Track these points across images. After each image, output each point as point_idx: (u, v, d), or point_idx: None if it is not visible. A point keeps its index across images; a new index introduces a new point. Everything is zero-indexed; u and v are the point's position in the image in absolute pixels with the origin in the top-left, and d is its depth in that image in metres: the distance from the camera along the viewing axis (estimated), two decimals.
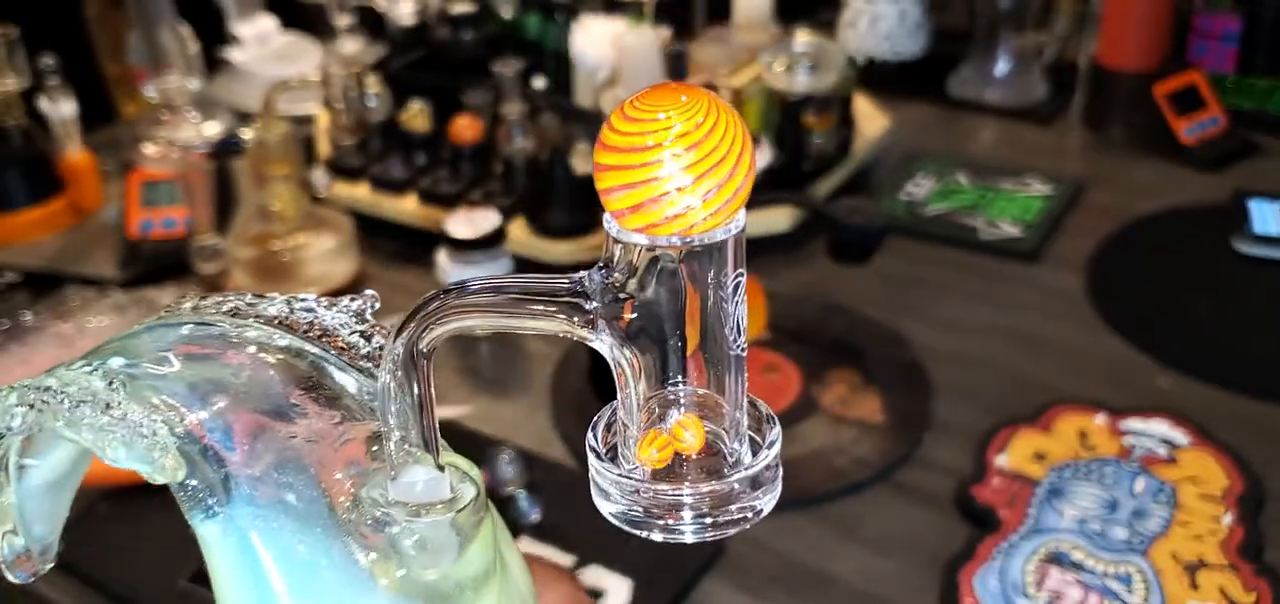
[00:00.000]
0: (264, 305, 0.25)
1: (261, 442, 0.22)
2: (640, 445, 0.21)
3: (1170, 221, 0.92)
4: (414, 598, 0.22)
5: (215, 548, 0.23)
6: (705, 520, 0.21)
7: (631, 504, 0.21)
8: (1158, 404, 0.68)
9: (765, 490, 0.22)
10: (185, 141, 1.01)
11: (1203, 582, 0.56)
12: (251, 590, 0.22)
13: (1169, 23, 1.07)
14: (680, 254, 0.20)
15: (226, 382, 0.23)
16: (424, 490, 0.22)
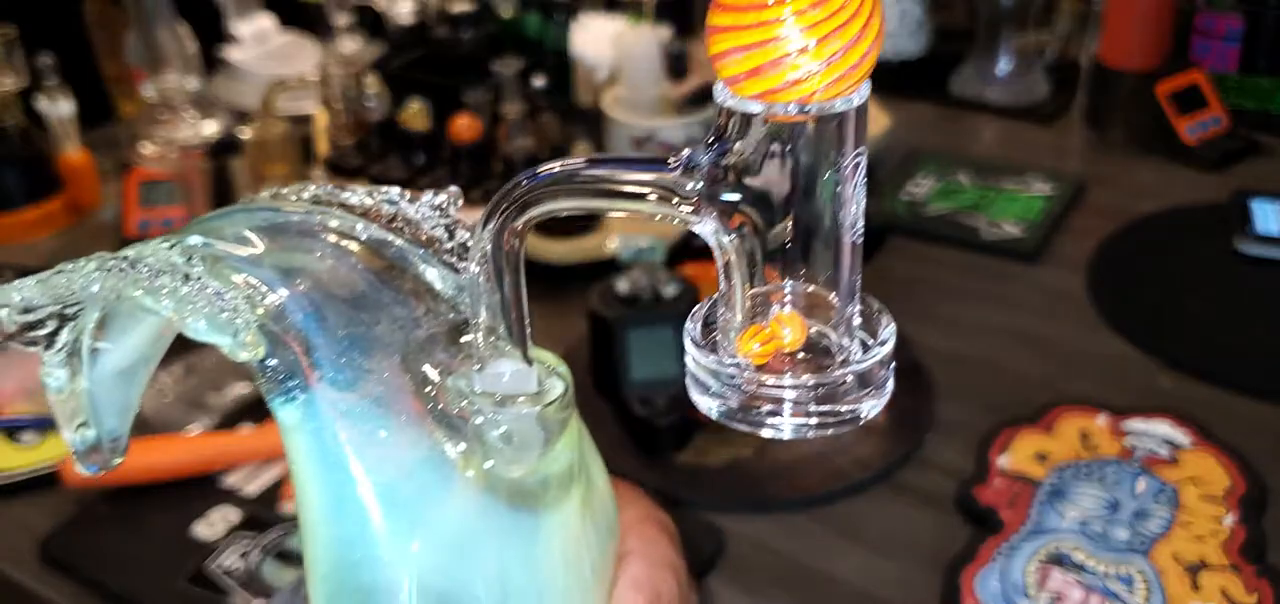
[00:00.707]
0: (346, 196, 0.25)
1: (344, 326, 0.22)
2: (741, 339, 0.19)
3: (1172, 221, 0.91)
4: (498, 493, 0.21)
5: (295, 433, 0.22)
6: (807, 418, 0.19)
7: (730, 397, 0.19)
8: (1159, 404, 0.68)
9: (872, 393, 0.20)
10: (183, 141, 1.01)
11: (1204, 583, 0.56)
12: (331, 475, 0.22)
13: (1171, 22, 1.07)
14: (797, 126, 0.18)
15: (308, 266, 0.22)
16: (511, 382, 0.22)
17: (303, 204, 0.24)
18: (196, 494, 0.66)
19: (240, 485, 0.67)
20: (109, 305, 0.23)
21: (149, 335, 0.24)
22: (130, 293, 0.22)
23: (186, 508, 0.65)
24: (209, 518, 0.64)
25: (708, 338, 0.20)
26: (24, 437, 0.72)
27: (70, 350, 0.24)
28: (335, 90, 0.95)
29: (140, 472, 0.67)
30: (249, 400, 0.74)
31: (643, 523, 0.26)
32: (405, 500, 0.21)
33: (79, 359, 0.24)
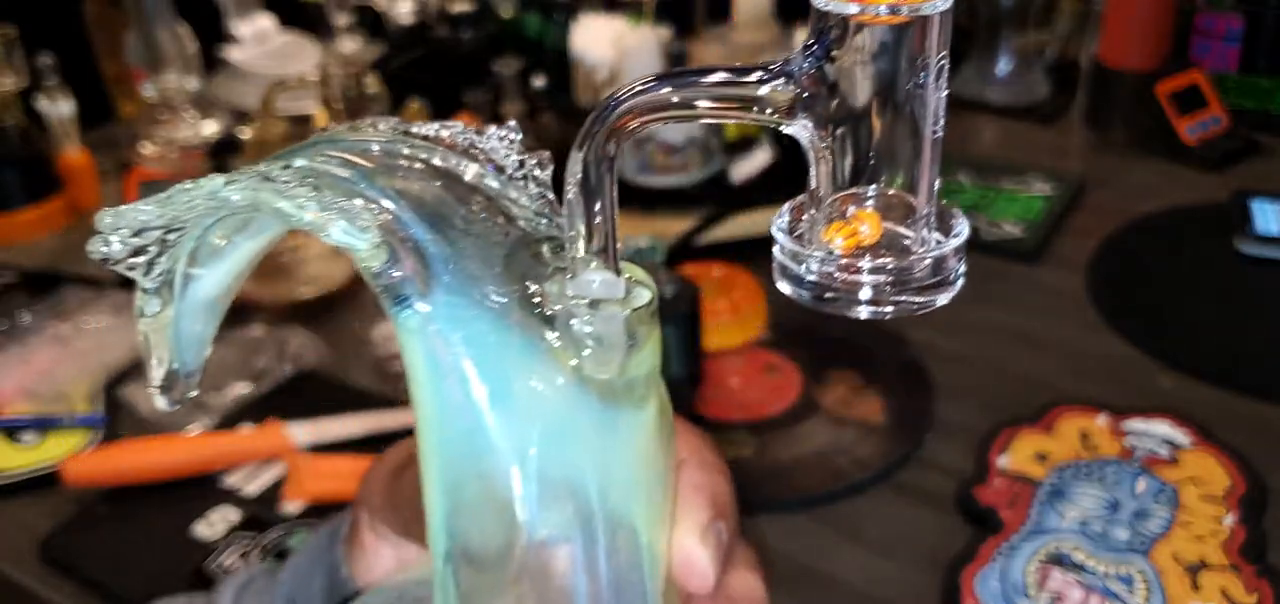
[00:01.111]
0: (415, 127, 0.26)
1: (449, 236, 0.23)
2: (825, 233, 0.21)
3: (1172, 221, 0.91)
4: (589, 390, 0.23)
5: (413, 338, 0.23)
6: (882, 300, 0.21)
7: (813, 280, 0.21)
8: (1159, 404, 0.68)
9: (944, 285, 0.21)
10: (183, 141, 1.01)
11: (1204, 583, 0.56)
12: (448, 377, 0.23)
13: (1171, 22, 1.07)
14: (887, 30, 0.19)
15: (405, 187, 0.23)
16: (601, 289, 0.23)
17: (380, 134, 0.25)
18: (196, 494, 0.66)
19: (240, 485, 0.67)
20: (226, 222, 0.24)
21: (240, 264, 0.25)
22: (272, 202, 0.22)
23: (186, 508, 0.65)
24: (209, 518, 0.64)
25: (795, 232, 0.22)
26: (24, 437, 0.72)
27: (165, 278, 0.25)
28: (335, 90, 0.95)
29: (140, 471, 0.67)
30: (249, 400, 0.74)
31: (687, 432, 0.28)
32: (516, 396, 0.23)
33: (171, 288, 0.25)
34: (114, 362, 0.77)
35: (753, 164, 0.90)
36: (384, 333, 0.77)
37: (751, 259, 0.82)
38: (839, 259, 0.21)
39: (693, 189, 0.88)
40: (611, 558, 0.24)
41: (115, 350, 0.78)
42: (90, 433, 0.72)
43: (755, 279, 0.80)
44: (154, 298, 0.25)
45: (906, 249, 0.21)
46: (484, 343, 0.23)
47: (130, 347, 0.79)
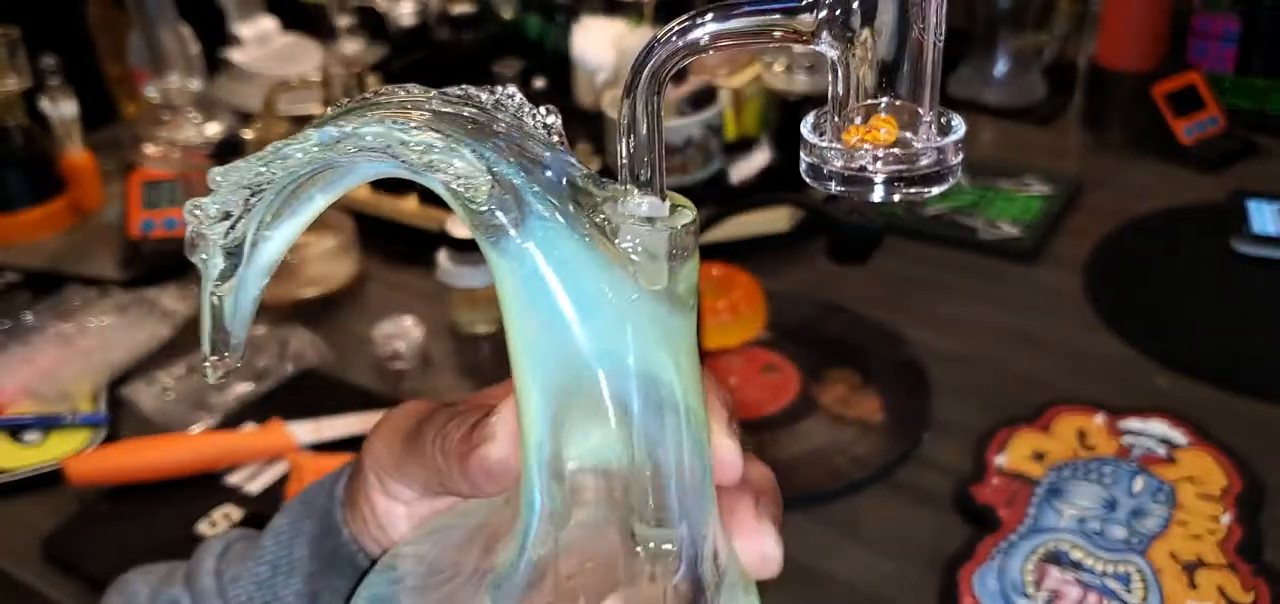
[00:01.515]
0: (445, 91, 0.27)
1: (527, 172, 0.25)
2: (845, 135, 0.24)
3: (1169, 222, 0.92)
4: (660, 298, 0.26)
5: (513, 264, 0.25)
6: (893, 189, 0.24)
7: (834, 171, 0.24)
8: (1156, 404, 0.69)
9: (943, 175, 0.24)
10: (186, 142, 1.01)
11: (1201, 581, 0.56)
12: (541, 298, 0.25)
13: (1168, 23, 1.07)
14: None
15: (474, 130, 0.26)
16: (649, 210, 0.25)
17: (418, 95, 0.27)
18: (199, 493, 0.66)
19: (242, 484, 0.67)
20: (314, 178, 0.25)
21: (304, 225, 0.27)
22: (402, 136, 0.24)
23: (189, 506, 0.65)
24: (211, 517, 0.64)
25: (821, 134, 0.25)
26: (27, 436, 0.72)
27: (237, 242, 0.26)
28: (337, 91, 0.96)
29: (143, 470, 0.67)
30: (251, 399, 0.74)
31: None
32: (605, 305, 0.25)
33: (240, 255, 0.26)
34: (117, 361, 0.78)
35: (752, 165, 0.90)
36: (384, 332, 0.77)
37: (751, 259, 0.82)
38: (857, 155, 0.24)
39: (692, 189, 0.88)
40: (691, 446, 0.27)
41: (118, 350, 0.78)
42: (93, 432, 0.72)
43: (754, 278, 0.80)
44: (224, 262, 0.26)
45: (912, 146, 0.24)
46: (573, 262, 0.25)
47: (133, 346, 0.79)
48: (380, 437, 0.33)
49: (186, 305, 0.83)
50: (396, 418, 0.33)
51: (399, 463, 0.32)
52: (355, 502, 0.35)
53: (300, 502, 0.38)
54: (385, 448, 0.33)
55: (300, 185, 0.26)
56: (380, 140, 0.24)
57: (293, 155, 0.25)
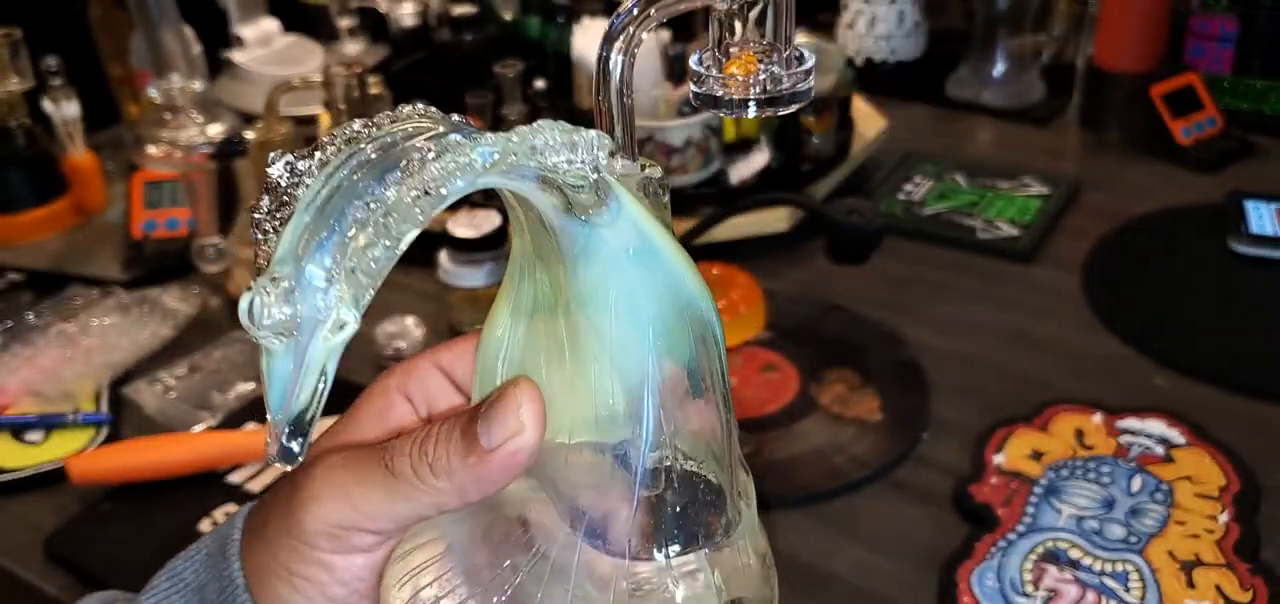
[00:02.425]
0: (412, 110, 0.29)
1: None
2: (727, 66, 0.30)
3: (1167, 222, 0.92)
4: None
5: (616, 229, 0.29)
6: (760, 104, 0.31)
7: (717, 96, 0.30)
8: (1154, 403, 0.69)
9: (796, 99, 0.31)
10: (188, 142, 1.01)
11: (1199, 580, 0.56)
12: (645, 248, 0.29)
13: (1166, 24, 1.08)
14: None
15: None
16: (621, 169, 0.30)
17: (419, 115, 0.29)
18: (201, 491, 0.66)
19: (244, 483, 0.67)
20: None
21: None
22: (532, 143, 0.26)
23: (191, 505, 0.65)
24: (213, 516, 0.65)
25: (706, 67, 0.31)
26: (30, 435, 0.73)
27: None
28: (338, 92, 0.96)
29: (145, 469, 0.67)
30: (253, 398, 0.75)
31: None
32: (665, 242, 0.30)
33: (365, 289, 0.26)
34: (119, 360, 0.78)
35: (751, 165, 0.90)
36: (386, 332, 0.78)
37: (750, 259, 0.83)
38: (734, 80, 0.30)
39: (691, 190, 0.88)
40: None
41: (120, 349, 0.79)
42: (95, 431, 0.73)
43: (753, 278, 0.80)
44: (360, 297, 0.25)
45: (776, 75, 0.30)
46: (640, 215, 0.29)
47: (135, 345, 0.80)
48: (325, 499, 0.31)
49: (188, 305, 0.84)
50: (333, 474, 0.31)
51: (362, 510, 0.31)
52: (288, 581, 0.32)
53: (186, 563, 0.36)
54: (338, 503, 0.31)
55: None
56: (521, 151, 0.26)
57: (454, 185, 0.25)
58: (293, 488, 0.32)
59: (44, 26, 1.00)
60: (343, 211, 0.25)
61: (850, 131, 0.98)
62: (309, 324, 0.25)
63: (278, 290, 0.24)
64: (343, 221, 0.25)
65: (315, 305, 0.25)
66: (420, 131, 0.26)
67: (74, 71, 0.98)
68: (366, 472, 0.31)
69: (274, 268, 0.25)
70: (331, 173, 0.26)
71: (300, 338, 0.25)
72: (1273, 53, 1.07)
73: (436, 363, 0.35)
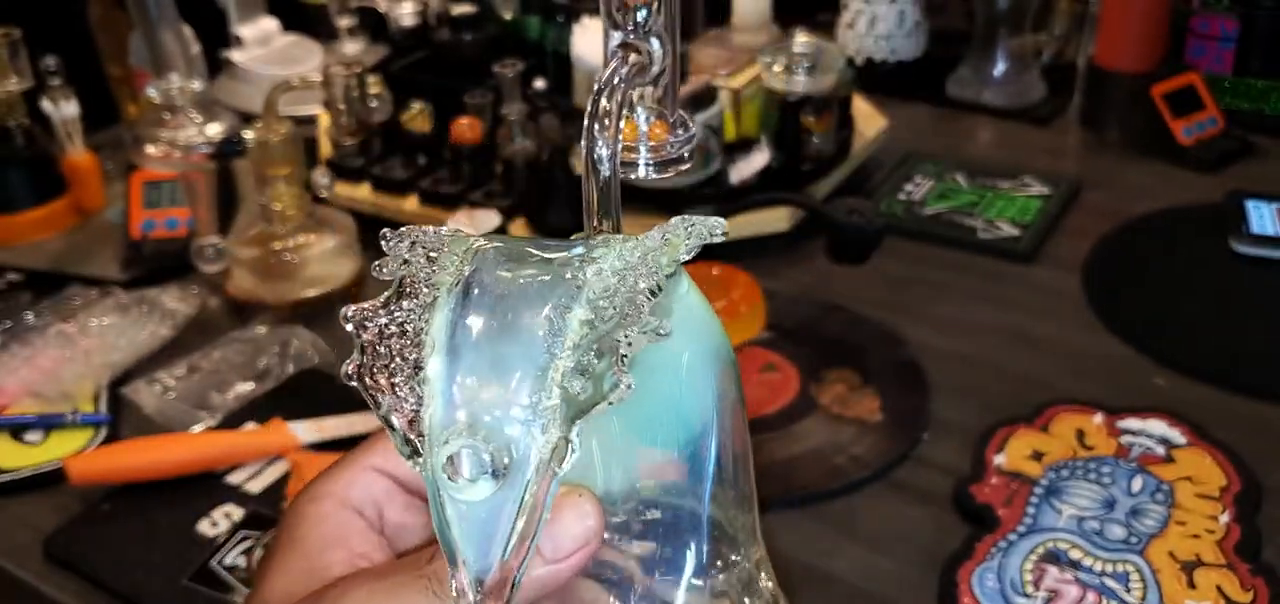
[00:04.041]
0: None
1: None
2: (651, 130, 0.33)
3: (1167, 222, 0.92)
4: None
5: (682, 286, 0.30)
6: (650, 170, 0.33)
7: (610, 157, 0.31)
8: (1155, 404, 0.69)
9: (678, 162, 0.33)
10: (187, 142, 1.01)
11: (1200, 581, 0.56)
12: (697, 297, 0.30)
13: (1166, 24, 1.07)
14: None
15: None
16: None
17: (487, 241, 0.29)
18: (200, 492, 0.66)
19: (243, 483, 0.67)
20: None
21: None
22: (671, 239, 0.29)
23: (190, 506, 0.65)
24: (212, 516, 0.64)
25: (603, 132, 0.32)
26: (29, 435, 0.72)
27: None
28: (338, 92, 0.96)
29: (144, 470, 0.67)
30: (252, 399, 0.75)
31: None
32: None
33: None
34: (118, 361, 0.78)
35: (751, 165, 0.90)
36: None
37: (750, 259, 0.83)
38: (623, 146, 0.32)
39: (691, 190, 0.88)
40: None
41: (119, 350, 0.79)
42: (94, 431, 0.73)
43: (753, 278, 0.80)
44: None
45: (663, 145, 0.33)
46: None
47: (134, 346, 0.80)
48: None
49: (187, 305, 0.84)
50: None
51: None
52: None
53: None
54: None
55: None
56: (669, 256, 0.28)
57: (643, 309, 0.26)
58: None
59: (43, 26, 1.00)
60: (540, 340, 0.24)
61: (850, 131, 0.98)
62: (522, 463, 0.24)
63: (484, 436, 0.24)
64: (540, 351, 0.24)
65: (529, 443, 0.24)
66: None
67: (73, 71, 0.98)
68: (407, 602, 0.28)
69: (461, 416, 0.24)
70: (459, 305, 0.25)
71: (514, 478, 0.24)
72: (1273, 53, 1.07)
73: (371, 466, 0.33)
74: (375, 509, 0.33)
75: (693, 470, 0.30)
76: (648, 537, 0.31)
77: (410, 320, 0.26)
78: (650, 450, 0.30)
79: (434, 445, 0.24)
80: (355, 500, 0.32)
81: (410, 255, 0.26)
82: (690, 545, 0.31)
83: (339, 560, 0.31)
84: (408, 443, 0.25)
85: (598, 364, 0.24)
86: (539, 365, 0.24)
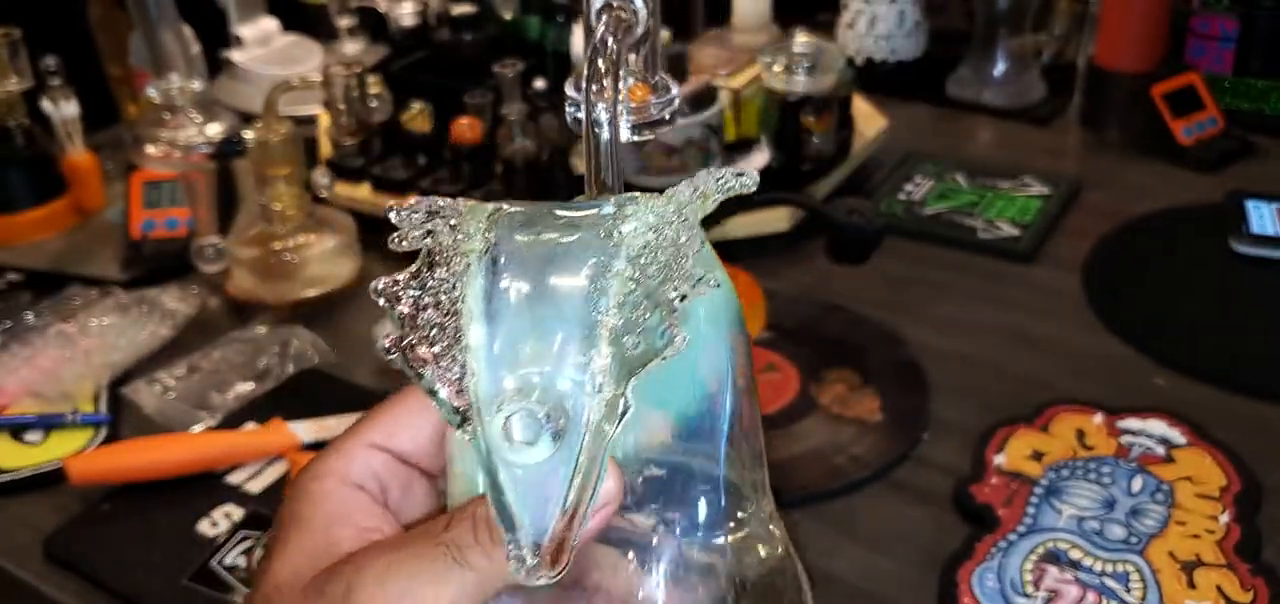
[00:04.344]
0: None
1: None
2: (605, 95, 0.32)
3: (1167, 222, 0.92)
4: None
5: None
6: (638, 132, 0.34)
7: (595, 120, 0.32)
8: (1155, 404, 0.69)
9: (658, 125, 0.34)
10: (187, 142, 1.01)
11: (1200, 580, 0.56)
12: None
13: (1166, 24, 1.08)
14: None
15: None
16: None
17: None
18: (200, 492, 0.66)
19: (243, 483, 0.67)
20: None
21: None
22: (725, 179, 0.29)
23: (190, 506, 0.65)
24: (212, 516, 0.64)
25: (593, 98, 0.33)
26: (29, 435, 0.72)
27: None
28: (338, 92, 0.96)
29: (144, 470, 0.67)
30: (252, 399, 0.75)
31: None
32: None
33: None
34: (118, 361, 0.78)
35: (751, 165, 0.90)
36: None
37: (750, 259, 0.83)
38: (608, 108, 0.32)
39: None
40: None
41: (119, 350, 0.79)
42: (94, 431, 0.73)
43: (753, 278, 0.80)
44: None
45: (645, 106, 0.34)
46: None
47: (134, 346, 0.80)
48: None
49: (187, 305, 0.84)
50: (408, 596, 0.29)
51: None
52: None
53: None
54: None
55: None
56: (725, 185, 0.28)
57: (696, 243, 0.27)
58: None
59: (43, 26, 1.00)
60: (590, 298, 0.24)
61: (850, 131, 0.98)
62: (577, 423, 0.24)
63: (537, 399, 0.24)
64: (591, 309, 0.24)
65: (583, 402, 0.24)
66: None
67: (73, 71, 0.98)
68: (437, 576, 0.28)
69: (514, 381, 0.24)
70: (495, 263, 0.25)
71: (569, 439, 0.24)
72: (1273, 53, 1.07)
73: (370, 443, 0.33)
74: (377, 484, 0.33)
75: (708, 428, 0.30)
76: (663, 496, 0.30)
77: (444, 290, 0.25)
78: (665, 411, 0.30)
79: (486, 412, 0.24)
80: (357, 477, 0.32)
81: (432, 225, 0.26)
82: (705, 502, 0.31)
83: (347, 536, 0.31)
84: (456, 412, 0.25)
85: (649, 319, 0.25)
86: (585, 325, 0.24)
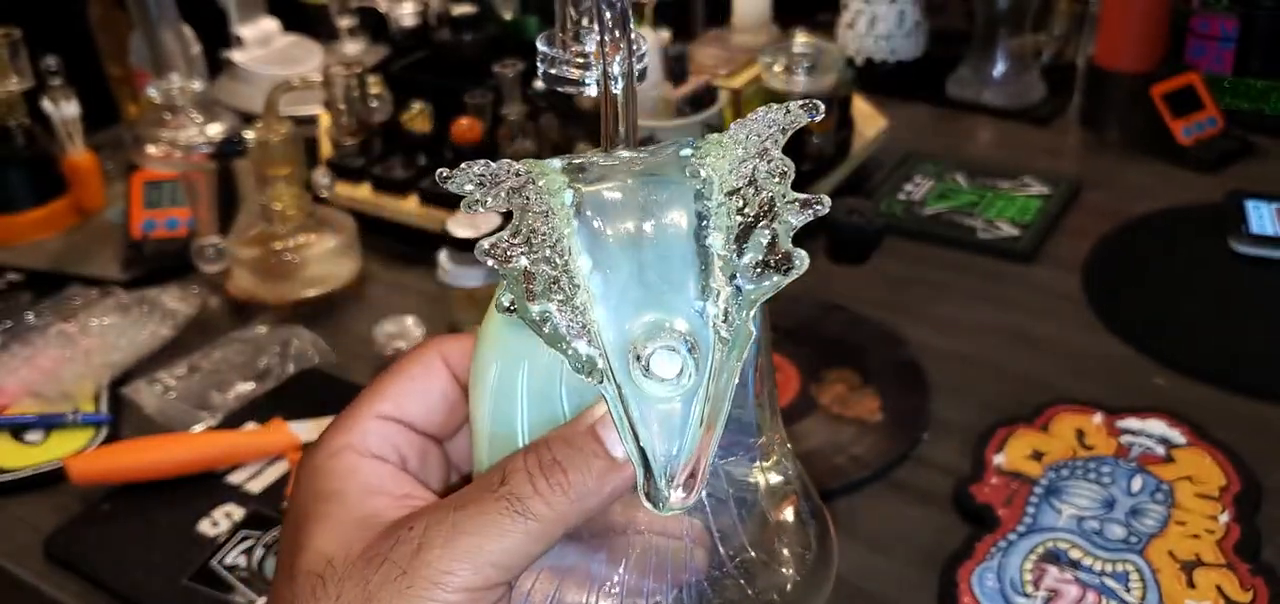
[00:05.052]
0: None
1: None
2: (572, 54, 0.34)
3: (1167, 222, 0.92)
4: None
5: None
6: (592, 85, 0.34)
7: (560, 75, 0.35)
8: (1155, 404, 0.69)
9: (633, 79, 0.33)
10: (188, 142, 1.01)
11: (1199, 580, 0.56)
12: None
13: (1166, 24, 1.08)
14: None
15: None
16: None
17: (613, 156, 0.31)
18: (201, 492, 0.66)
19: (244, 483, 0.67)
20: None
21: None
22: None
23: (191, 505, 0.65)
24: (213, 516, 0.65)
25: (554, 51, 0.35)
26: (29, 435, 0.73)
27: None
28: (338, 92, 0.96)
29: (144, 470, 0.67)
30: (253, 399, 0.75)
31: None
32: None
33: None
34: (119, 361, 0.78)
35: None
36: (386, 332, 0.77)
37: None
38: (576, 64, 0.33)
39: None
40: None
41: (120, 349, 0.79)
42: (94, 431, 0.73)
43: None
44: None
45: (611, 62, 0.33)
46: None
47: (135, 346, 0.80)
48: (458, 570, 0.28)
49: (188, 305, 0.84)
50: (457, 540, 0.28)
51: (502, 564, 0.28)
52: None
53: None
54: (471, 567, 0.28)
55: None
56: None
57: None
58: (398, 571, 0.28)
59: (43, 26, 1.00)
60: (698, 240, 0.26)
61: (850, 131, 0.98)
62: (705, 355, 0.26)
63: (667, 335, 0.25)
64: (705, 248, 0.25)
65: (709, 334, 0.26)
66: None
67: (73, 71, 0.98)
68: (502, 529, 0.28)
69: (655, 323, 0.25)
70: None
71: (700, 371, 0.26)
72: (1273, 53, 1.07)
73: (379, 414, 0.33)
74: (396, 453, 0.33)
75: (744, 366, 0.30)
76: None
77: (550, 244, 0.26)
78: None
79: (616, 353, 0.25)
80: (375, 448, 0.32)
81: (508, 183, 0.27)
82: (742, 436, 0.32)
83: (384, 505, 0.30)
84: (587, 360, 0.26)
85: (761, 244, 0.27)
86: (697, 260, 0.26)
